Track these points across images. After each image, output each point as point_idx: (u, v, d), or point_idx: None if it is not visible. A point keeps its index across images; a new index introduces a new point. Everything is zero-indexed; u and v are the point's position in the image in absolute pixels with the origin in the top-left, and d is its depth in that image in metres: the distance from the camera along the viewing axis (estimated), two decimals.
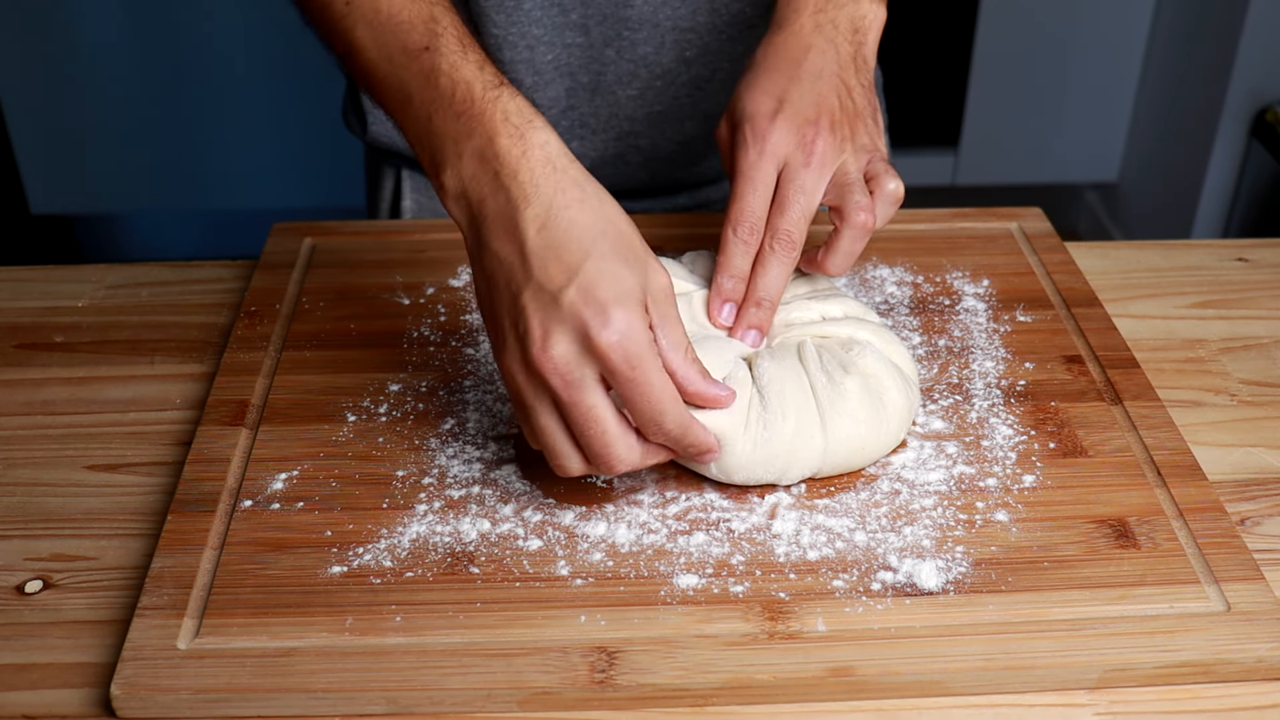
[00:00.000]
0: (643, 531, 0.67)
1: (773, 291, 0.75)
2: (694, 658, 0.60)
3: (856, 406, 0.70)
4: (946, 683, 0.60)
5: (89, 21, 2.36)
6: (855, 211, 0.74)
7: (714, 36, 0.98)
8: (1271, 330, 0.89)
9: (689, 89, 1.01)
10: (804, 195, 0.76)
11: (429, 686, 0.59)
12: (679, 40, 0.98)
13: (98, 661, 0.62)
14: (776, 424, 0.68)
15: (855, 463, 0.71)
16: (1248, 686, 0.61)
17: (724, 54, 0.99)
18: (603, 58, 0.98)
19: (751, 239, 0.75)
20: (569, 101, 1.00)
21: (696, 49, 0.98)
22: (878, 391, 0.71)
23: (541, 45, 0.97)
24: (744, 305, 0.75)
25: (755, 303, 0.75)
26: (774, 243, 0.75)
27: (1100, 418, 0.76)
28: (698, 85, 1.01)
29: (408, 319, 0.86)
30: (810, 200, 0.76)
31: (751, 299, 0.75)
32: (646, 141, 1.03)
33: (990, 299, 0.88)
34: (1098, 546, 0.67)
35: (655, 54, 0.98)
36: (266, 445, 0.74)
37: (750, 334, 0.75)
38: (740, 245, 0.75)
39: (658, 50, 0.98)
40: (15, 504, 0.72)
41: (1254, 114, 2.21)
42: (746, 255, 0.76)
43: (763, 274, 0.75)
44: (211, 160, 2.51)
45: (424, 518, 0.68)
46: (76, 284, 0.92)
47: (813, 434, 0.69)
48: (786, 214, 0.75)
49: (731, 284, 0.75)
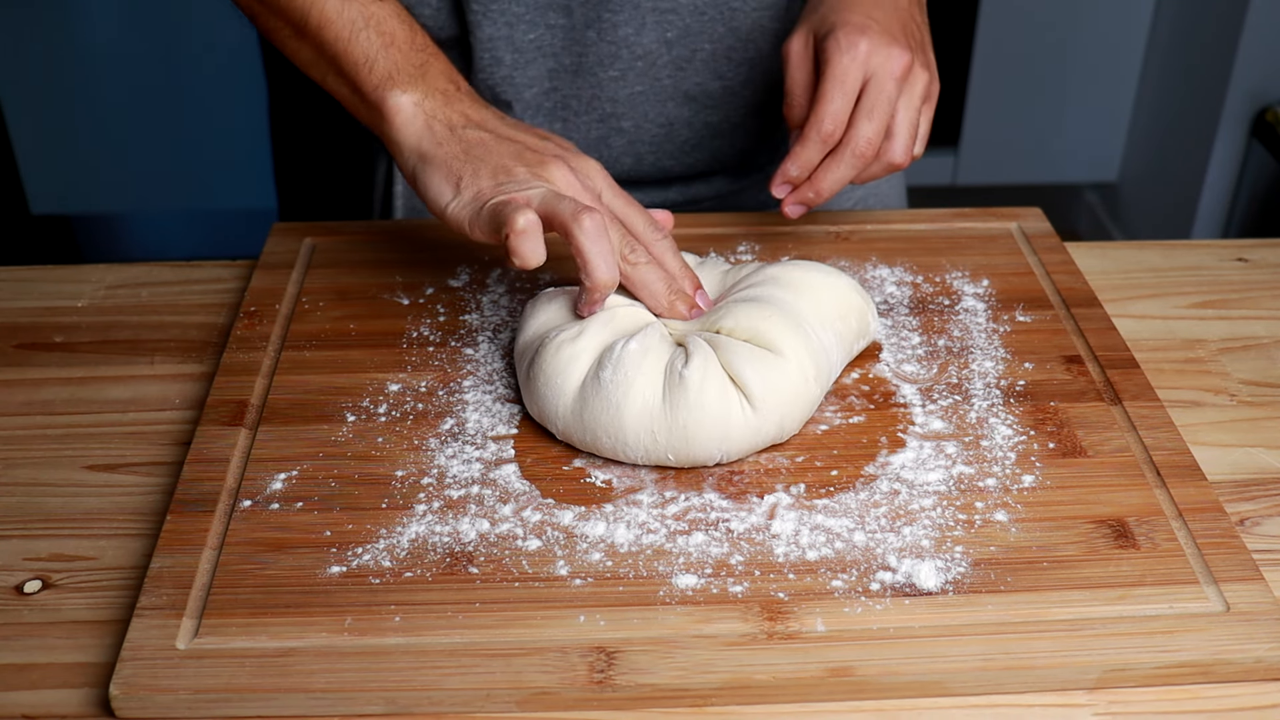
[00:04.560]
0: (642, 531, 0.67)
1: (832, 190, 0.81)
2: (693, 658, 0.60)
3: (696, 398, 0.70)
4: (946, 683, 0.60)
5: (89, 21, 2.36)
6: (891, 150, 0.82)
7: (695, 17, 0.98)
8: (1271, 330, 0.89)
9: (670, 70, 1.01)
10: (888, 108, 0.81)
11: (428, 687, 0.59)
12: (660, 21, 0.98)
13: (97, 661, 0.62)
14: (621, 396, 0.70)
15: (698, 454, 0.71)
16: (1247, 687, 0.61)
17: (705, 34, 0.99)
18: (584, 39, 0.98)
19: (829, 140, 0.80)
20: (551, 83, 1.00)
21: (677, 30, 0.99)
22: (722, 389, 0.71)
23: (522, 24, 0.97)
24: (800, 188, 0.82)
25: (814, 190, 0.81)
26: (850, 149, 0.81)
27: (1100, 418, 0.76)
28: (679, 66, 1.01)
29: (407, 319, 0.86)
30: (889, 115, 0.81)
31: (810, 186, 0.81)
32: (629, 124, 1.03)
33: (990, 299, 0.88)
34: (1097, 547, 0.67)
35: (636, 35, 0.98)
36: (266, 445, 0.74)
37: (797, 208, 0.83)
38: (818, 143, 0.81)
39: (638, 31, 0.98)
40: (15, 504, 0.72)
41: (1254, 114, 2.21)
42: (820, 153, 0.81)
43: (828, 172, 0.81)
44: (211, 160, 2.51)
45: (423, 518, 0.68)
46: (76, 284, 0.93)
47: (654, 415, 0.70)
48: (871, 122, 0.80)
49: (798, 173, 0.82)
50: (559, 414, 0.72)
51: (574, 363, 0.72)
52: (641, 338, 0.72)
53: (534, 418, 0.75)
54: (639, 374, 0.70)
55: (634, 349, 0.71)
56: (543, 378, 0.72)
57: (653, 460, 0.71)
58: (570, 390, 0.72)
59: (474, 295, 0.88)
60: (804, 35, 0.84)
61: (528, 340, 0.76)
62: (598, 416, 0.70)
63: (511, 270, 0.91)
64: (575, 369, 0.72)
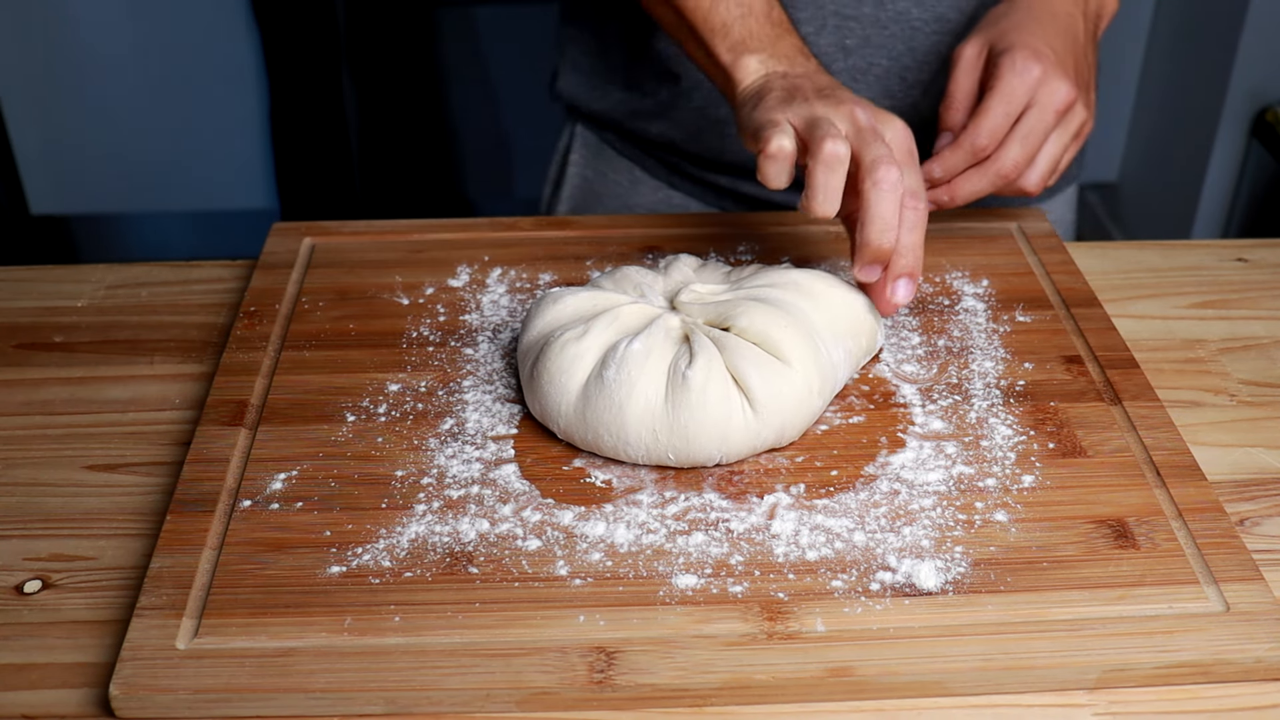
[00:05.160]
0: (642, 531, 0.67)
1: (966, 199, 0.84)
2: (693, 658, 0.60)
3: (698, 398, 0.70)
4: (946, 683, 0.60)
5: (89, 22, 2.36)
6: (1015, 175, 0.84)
7: (875, 29, 0.98)
8: (1271, 330, 0.89)
9: (843, 79, 1.00)
10: (1042, 137, 0.83)
11: (428, 687, 0.59)
12: (840, 26, 0.98)
13: (97, 661, 0.62)
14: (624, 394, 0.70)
15: (698, 454, 0.71)
16: (1247, 687, 0.61)
17: (883, 49, 0.99)
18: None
19: (980, 154, 0.82)
20: None
21: (857, 38, 0.98)
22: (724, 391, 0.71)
23: None
24: (937, 189, 0.84)
25: (950, 194, 0.83)
26: (995, 167, 0.82)
27: (1100, 418, 0.76)
28: (853, 77, 1.00)
29: (407, 319, 0.86)
30: (1040, 144, 0.83)
31: (947, 190, 0.83)
32: None
33: (990, 299, 0.88)
34: (1097, 547, 0.67)
35: (815, 35, 0.98)
36: (266, 445, 0.74)
37: (927, 205, 0.82)
38: (968, 153, 0.82)
39: (818, 31, 0.98)
40: (15, 504, 0.72)
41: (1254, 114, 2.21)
42: (966, 162, 0.83)
43: (968, 182, 0.83)
44: (211, 160, 2.51)
45: (423, 518, 0.68)
46: (76, 284, 0.93)
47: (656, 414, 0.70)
48: (1022, 148, 0.82)
49: (941, 175, 0.84)
50: (561, 412, 0.72)
51: (578, 362, 0.72)
52: (645, 337, 0.72)
53: (536, 417, 0.75)
54: (642, 374, 0.70)
55: (637, 349, 0.71)
56: (546, 376, 0.72)
57: (653, 459, 0.71)
58: (574, 389, 0.72)
59: (474, 295, 0.88)
60: (979, 45, 0.86)
61: (532, 340, 0.76)
62: (600, 415, 0.71)
63: (511, 271, 0.91)
64: (579, 368, 0.72)
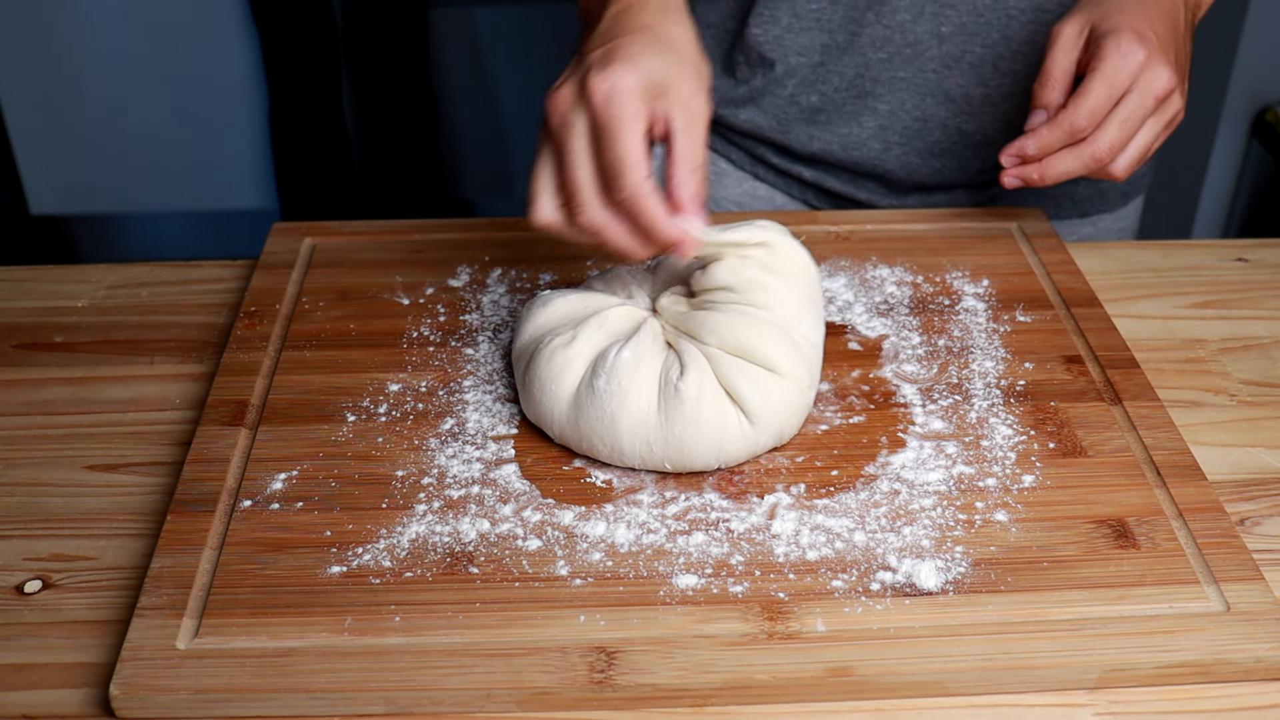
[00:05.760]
0: (642, 531, 0.67)
1: (1056, 179, 0.84)
2: (693, 658, 0.60)
3: (692, 409, 0.69)
4: (946, 683, 0.60)
5: (89, 22, 2.36)
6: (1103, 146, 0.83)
7: (971, 17, 0.98)
8: (1271, 330, 0.89)
9: (937, 65, 1.00)
10: (1139, 123, 0.83)
11: (428, 686, 0.59)
12: (937, 13, 0.98)
13: (97, 661, 0.62)
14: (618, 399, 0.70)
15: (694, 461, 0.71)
16: (1247, 686, 0.61)
17: (978, 37, 0.99)
18: (863, 19, 0.99)
19: (1077, 134, 0.82)
20: (820, 56, 1.01)
21: (952, 25, 0.98)
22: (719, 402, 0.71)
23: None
24: (1028, 165, 0.84)
25: (1041, 173, 0.84)
26: (1090, 148, 0.82)
27: (1100, 418, 0.76)
28: (946, 64, 1.00)
29: (407, 319, 0.86)
30: (1136, 129, 0.83)
31: (1039, 168, 0.84)
32: (885, 107, 1.02)
33: (990, 299, 0.88)
34: (1097, 546, 0.67)
35: (912, 22, 0.98)
36: (266, 445, 0.74)
37: (1015, 181, 0.85)
38: (1065, 132, 0.82)
39: (915, 19, 0.98)
40: (15, 504, 0.72)
41: (1254, 114, 2.21)
42: (1062, 141, 0.83)
43: (1061, 161, 0.83)
44: (211, 160, 2.51)
45: (423, 518, 0.68)
46: (76, 284, 0.93)
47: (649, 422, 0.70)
48: (1119, 131, 0.82)
49: (1035, 151, 0.84)
50: (554, 420, 0.72)
51: (567, 369, 0.72)
52: (634, 344, 0.71)
53: (531, 420, 0.75)
54: (633, 383, 0.70)
55: (627, 357, 0.71)
56: (537, 384, 0.72)
57: (649, 468, 0.71)
58: (565, 397, 0.71)
59: (474, 295, 0.88)
60: (1080, 24, 0.85)
61: (524, 344, 0.76)
62: (593, 425, 0.70)
63: (511, 271, 0.91)
64: (569, 375, 0.72)
